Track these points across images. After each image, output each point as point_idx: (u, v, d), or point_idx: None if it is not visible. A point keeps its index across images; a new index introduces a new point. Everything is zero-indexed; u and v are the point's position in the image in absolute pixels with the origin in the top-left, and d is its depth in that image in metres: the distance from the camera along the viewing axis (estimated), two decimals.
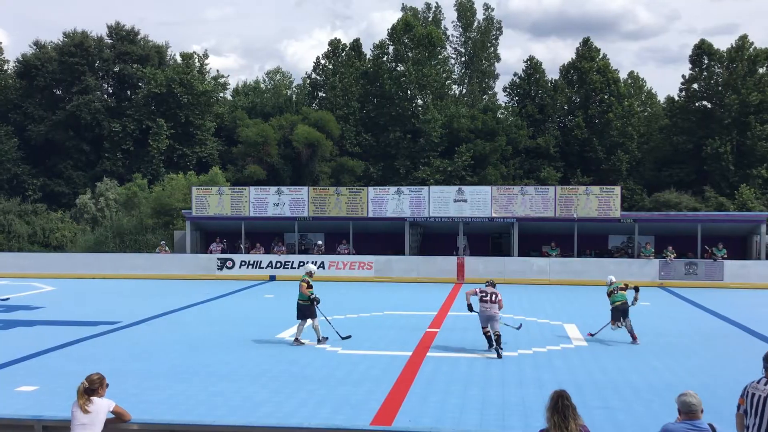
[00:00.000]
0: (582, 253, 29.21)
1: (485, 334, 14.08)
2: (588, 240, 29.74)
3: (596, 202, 28.11)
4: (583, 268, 27.38)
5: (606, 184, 38.85)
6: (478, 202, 28.67)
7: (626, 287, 15.61)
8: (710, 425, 5.68)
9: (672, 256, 27.04)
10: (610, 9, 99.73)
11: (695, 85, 49.37)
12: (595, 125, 50.37)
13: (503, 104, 55.25)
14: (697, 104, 49.24)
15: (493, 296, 14.12)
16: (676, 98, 50.82)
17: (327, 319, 15.76)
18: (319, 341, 14.91)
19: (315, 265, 15.60)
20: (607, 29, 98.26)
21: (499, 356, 13.53)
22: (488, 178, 46.43)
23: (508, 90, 54.46)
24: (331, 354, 13.90)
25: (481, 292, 14.33)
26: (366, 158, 50.17)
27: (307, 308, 14.88)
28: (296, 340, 14.92)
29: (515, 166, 49.75)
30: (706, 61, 49.09)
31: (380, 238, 30.76)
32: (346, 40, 58.98)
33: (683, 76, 49.91)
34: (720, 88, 48.02)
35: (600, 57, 52.28)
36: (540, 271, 27.35)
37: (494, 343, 13.81)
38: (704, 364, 13.13)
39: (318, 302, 14.92)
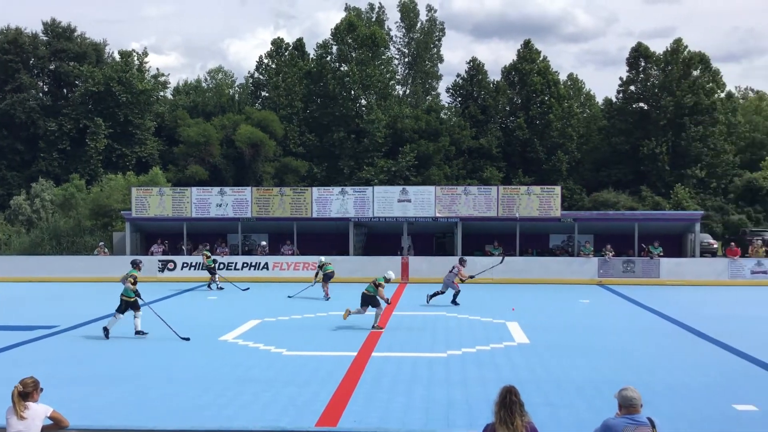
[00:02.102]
0: (524, 252, 29.64)
1: (441, 292, 20.82)
2: (530, 239, 30.19)
3: (537, 201, 28.56)
4: (526, 267, 27.77)
5: (547, 184, 39.54)
6: (422, 202, 28.83)
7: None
8: (649, 419, 5.81)
9: (610, 254, 27.66)
10: (550, 11, 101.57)
11: (632, 87, 50.69)
12: (536, 126, 51.20)
13: (446, 105, 55.76)
14: (634, 106, 50.56)
15: (454, 269, 21.17)
16: (614, 100, 52.08)
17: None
18: (373, 327, 16.58)
19: (392, 273, 18.48)
20: (547, 31, 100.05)
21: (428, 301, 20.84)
22: (432, 178, 46.76)
23: (451, 91, 54.95)
24: (276, 355, 13.77)
25: (453, 267, 21.28)
26: (310, 158, 49.93)
27: (372, 298, 16.73)
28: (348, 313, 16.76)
29: (458, 167, 50.19)
30: (642, 64, 50.46)
31: (324, 238, 30.64)
32: (290, 39, 58.71)
33: (621, 78, 51.23)
34: (656, 90, 49.40)
35: (540, 59, 53.17)
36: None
37: (438, 293, 20.77)
38: (643, 360, 13.45)
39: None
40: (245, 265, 28.47)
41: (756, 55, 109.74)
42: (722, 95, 51.08)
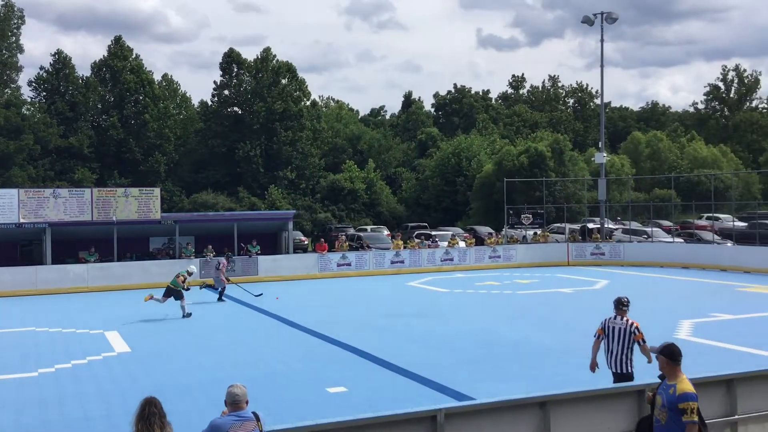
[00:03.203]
0: (123, 257, 28.48)
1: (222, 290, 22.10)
2: (129, 243, 29.09)
3: (136, 204, 27.63)
4: (125, 272, 26.70)
5: (145, 185, 38.54)
6: (3, 206, 25.82)
7: None
8: (254, 413, 5.96)
9: (211, 255, 28.04)
10: (142, 9, 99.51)
11: (226, 92, 52.22)
12: (131, 126, 49.68)
13: (29, 99, 50.98)
14: (229, 110, 52.15)
15: (220, 265, 22.25)
16: (210, 103, 53.08)
17: None
18: (184, 316, 18.45)
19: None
20: (139, 29, 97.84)
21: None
22: (14, 179, 42.42)
23: (34, 84, 50.35)
24: None
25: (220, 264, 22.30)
26: None
27: (176, 292, 18.66)
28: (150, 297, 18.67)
29: (45, 167, 46.33)
30: (235, 70, 52.29)
31: None
32: None
33: (215, 83, 52.44)
34: (249, 96, 51.60)
35: (133, 57, 51.76)
36: (77, 278, 25.82)
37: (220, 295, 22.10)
38: (245, 356, 13.89)
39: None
40: None
41: (335, 68, 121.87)
42: (308, 103, 55.58)
